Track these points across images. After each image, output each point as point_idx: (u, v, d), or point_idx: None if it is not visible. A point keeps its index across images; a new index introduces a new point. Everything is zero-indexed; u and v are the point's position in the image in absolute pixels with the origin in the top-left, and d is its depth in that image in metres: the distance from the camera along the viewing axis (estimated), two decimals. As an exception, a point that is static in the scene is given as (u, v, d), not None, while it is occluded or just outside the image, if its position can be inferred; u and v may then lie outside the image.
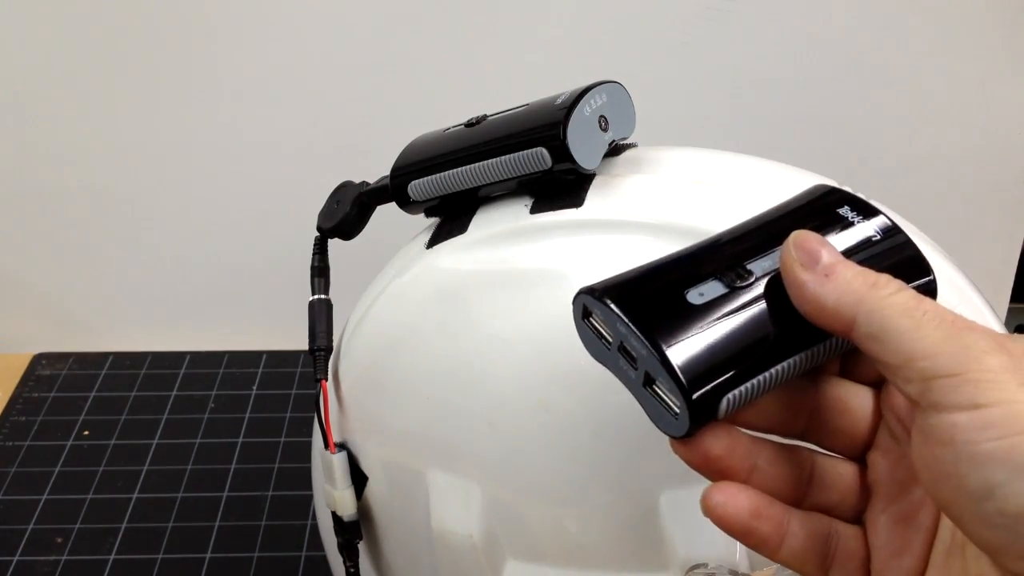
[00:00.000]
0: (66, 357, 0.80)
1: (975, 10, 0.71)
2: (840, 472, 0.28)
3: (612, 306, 0.26)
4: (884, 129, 0.76)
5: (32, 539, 0.63)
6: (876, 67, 0.74)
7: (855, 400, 0.28)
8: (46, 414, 0.74)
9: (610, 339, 0.27)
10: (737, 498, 0.26)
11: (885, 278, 0.25)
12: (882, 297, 0.24)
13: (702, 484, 0.34)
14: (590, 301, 0.27)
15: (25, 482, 0.68)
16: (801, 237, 0.26)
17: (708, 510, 0.26)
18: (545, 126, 0.37)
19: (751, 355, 0.26)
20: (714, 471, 0.26)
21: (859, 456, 0.28)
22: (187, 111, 0.74)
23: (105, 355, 0.80)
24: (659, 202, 0.37)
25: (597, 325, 0.27)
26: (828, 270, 0.25)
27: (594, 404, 0.35)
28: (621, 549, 0.35)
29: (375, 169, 0.44)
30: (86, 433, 0.72)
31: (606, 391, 0.35)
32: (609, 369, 0.27)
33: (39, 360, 0.80)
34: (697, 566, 0.33)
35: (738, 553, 0.33)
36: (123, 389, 0.76)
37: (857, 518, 0.28)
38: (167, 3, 0.69)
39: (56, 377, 0.78)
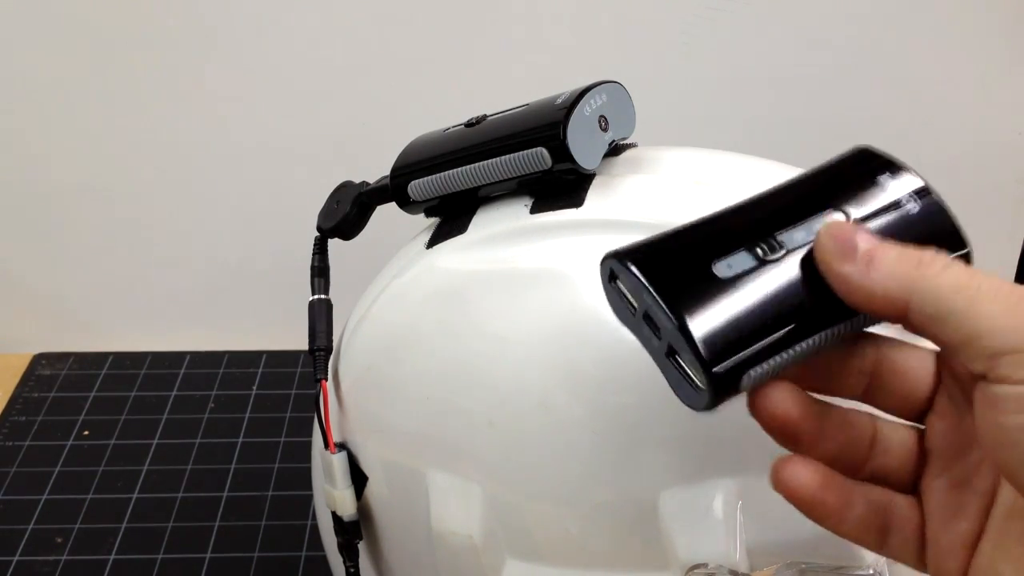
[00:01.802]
0: (66, 357, 0.80)
1: (975, 10, 0.71)
2: (900, 437, 0.28)
3: (637, 274, 0.26)
4: (884, 129, 0.76)
5: (32, 539, 0.63)
6: (876, 67, 0.74)
7: (915, 363, 0.28)
8: (46, 414, 0.74)
9: (635, 306, 0.27)
10: (806, 471, 0.26)
11: (929, 255, 0.24)
12: (932, 276, 0.24)
13: (702, 484, 0.34)
14: (616, 266, 0.27)
15: (25, 482, 0.68)
16: (833, 229, 0.26)
17: (778, 484, 0.26)
18: (545, 126, 0.37)
19: (776, 331, 0.25)
20: (786, 434, 0.27)
21: (917, 419, 0.28)
22: (187, 111, 0.74)
23: (105, 355, 0.80)
24: (659, 202, 0.37)
25: (623, 289, 0.27)
26: (868, 256, 0.25)
27: (594, 404, 0.35)
28: (621, 549, 0.35)
29: (375, 169, 0.44)
30: (86, 433, 0.72)
31: (606, 391, 0.35)
32: (633, 334, 0.27)
33: (39, 360, 0.80)
34: (697, 566, 0.33)
35: (738, 553, 0.33)
36: (123, 389, 0.76)
37: (914, 486, 0.28)
38: (167, 3, 0.69)
39: (56, 377, 0.78)
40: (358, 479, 0.41)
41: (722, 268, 0.26)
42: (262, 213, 0.78)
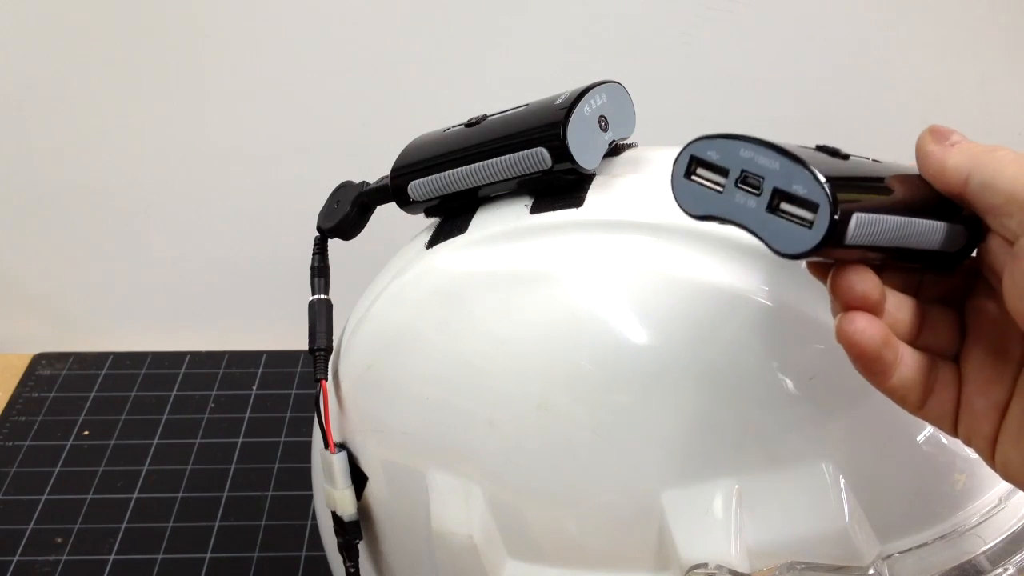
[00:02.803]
0: (66, 357, 0.80)
1: (975, 10, 0.71)
2: (948, 317, 0.31)
3: (736, 135, 0.27)
4: (884, 129, 0.76)
5: (32, 539, 0.63)
6: (876, 67, 0.74)
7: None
8: (46, 414, 0.74)
9: (722, 182, 0.28)
10: (872, 327, 0.28)
11: (1002, 147, 0.28)
12: (996, 156, 0.28)
13: (702, 484, 0.34)
14: (703, 145, 0.28)
15: (25, 482, 0.68)
16: (936, 125, 0.30)
17: (847, 334, 0.28)
18: (545, 126, 0.37)
19: (871, 190, 0.27)
20: (858, 308, 0.29)
21: (960, 306, 0.31)
22: (187, 111, 0.74)
23: (105, 355, 0.80)
24: (659, 202, 0.37)
25: (704, 176, 0.28)
26: (953, 142, 0.29)
27: (594, 404, 0.35)
28: (621, 549, 0.35)
29: (375, 169, 0.44)
30: (86, 433, 0.72)
31: (606, 391, 0.35)
32: (717, 218, 0.28)
33: (39, 360, 0.80)
34: (697, 566, 0.33)
35: (738, 553, 0.33)
36: (123, 389, 0.76)
37: (956, 358, 0.31)
38: (168, 4, 0.69)
39: (56, 377, 0.78)
40: (358, 479, 0.41)
41: (802, 150, 0.27)
42: (262, 213, 0.78)
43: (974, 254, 0.31)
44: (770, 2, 0.70)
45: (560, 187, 0.38)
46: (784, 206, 0.26)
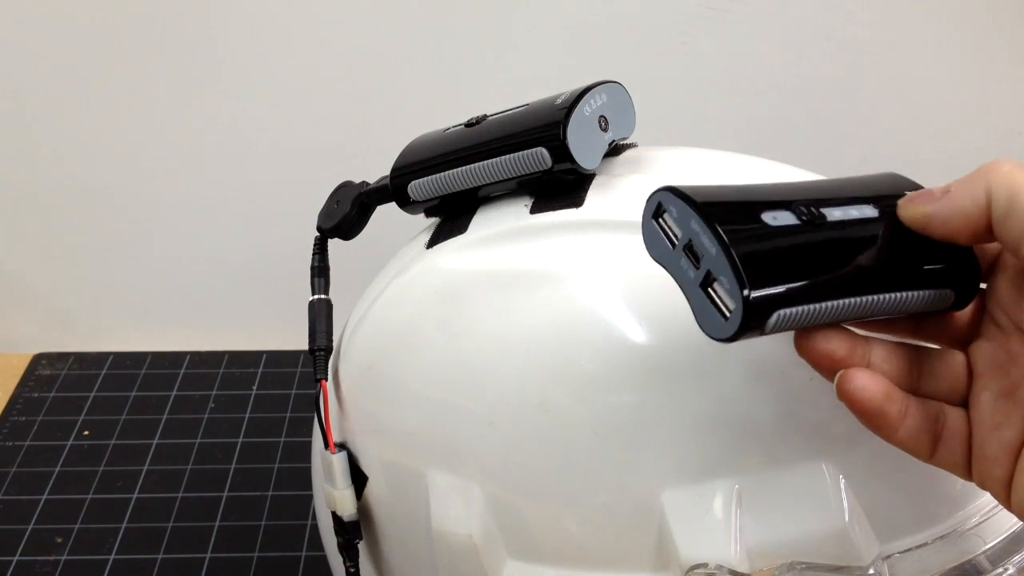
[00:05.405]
0: (66, 357, 0.80)
1: (975, 10, 0.71)
2: (949, 363, 0.30)
3: (691, 202, 0.27)
4: (884, 129, 0.76)
5: (32, 539, 0.63)
6: (876, 67, 0.74)
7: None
8: (46, 414, 0.74)
9: (677, 238, 0.28)
10: (872, 382, 0.28)
11: (994, 163, 0.28)
12: (1005, 173, 0.27)
13: (702, 484, 0.34)
14: (669, 198, 0.28)
15: (25, 482, 0.68)
16: (908, 195, 0.29)
17: (846, 393, 0.28)
18: (545, 126, 0.37)
19: (810, 281, 0.27)
20: (834, 370, 0.28)
21: (964, 347, 0.30)
22: (187, 111, 0.74)
23: (105, 355, 0.80)
24: (659, 202, 0.37)
25: (667, 224, 0.28)
26: (944, 191, 0.28)
27: (594, 404, 0.35)
28: (621, 549, 0.35)
29: (375, 169, 0.44)
30: (86, 433, 0.72)
31: (606, 391, 0.35)
32: (666, 268, 0.28)
33: (39, 360, 0.80)
34: (697, 566, 0.33)
35: (738, 553, 0.33)
36: (123, 389, 0.76)
37: (963, 402, 0.30)
38: (168, 3, 0.69)
39: (56, 377, 0.78)
40: (358, 479, 0.41)
41: (768, 218, 0.27)
42: (262, 213, 0.78)
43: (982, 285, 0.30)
44: (769, 2, 0.71)
45: (560, 187, 0.38)
46: (715, 287, 0.26)
